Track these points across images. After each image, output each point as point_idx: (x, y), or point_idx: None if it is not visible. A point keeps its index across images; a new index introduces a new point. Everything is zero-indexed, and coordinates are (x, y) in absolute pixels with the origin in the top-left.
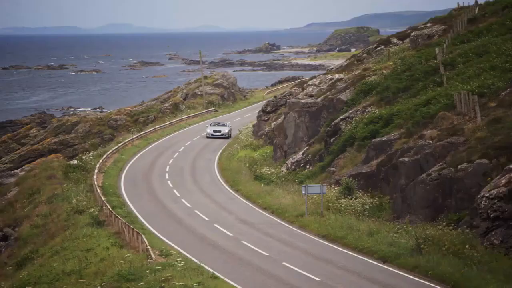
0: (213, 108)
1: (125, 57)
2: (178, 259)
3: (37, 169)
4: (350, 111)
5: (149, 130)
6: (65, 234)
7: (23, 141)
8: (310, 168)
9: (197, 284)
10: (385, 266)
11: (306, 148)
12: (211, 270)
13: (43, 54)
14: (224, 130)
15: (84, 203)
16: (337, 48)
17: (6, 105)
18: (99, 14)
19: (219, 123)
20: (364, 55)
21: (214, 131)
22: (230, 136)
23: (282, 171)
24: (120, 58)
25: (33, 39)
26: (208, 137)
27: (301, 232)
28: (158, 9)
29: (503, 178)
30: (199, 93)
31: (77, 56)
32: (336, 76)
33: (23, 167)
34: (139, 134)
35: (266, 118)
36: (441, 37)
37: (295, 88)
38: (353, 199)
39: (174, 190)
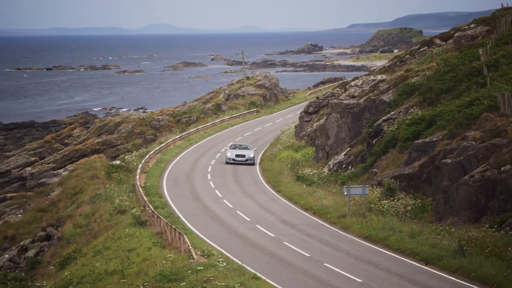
0: (255, 109)
1: (168, 57)
2: (219, 259)
3: (80, 169)
4: (392, 112)
5: (191, 130)
6: (107, 234)
7: (66, 141)
8: (352, 169)
9: (239, 284)
10: (428, 268)
11: (348, 149)
12: (252, 270)
13: (86, 55)
14: (249, 154)
15: (127, 203)
16: (380, 49)
17: (49, 106)
18: (141, 15)
19: (241, 145)
20: (406, 56)
21: (237, 156)
22: (255, 162)
23: (324, 172)
24: (163, 58)
25: (76, 39)
26: (228, 163)
27: (343, 233)
28: (200, 10)
29: None
30: (241, 93)
31: (120, 57)
32: (379, 77)
33: (66, 167)
34: (181, 134)
35: (308, 119)
36: (485, 38)
37: (337, 89)
38: (395, 200)
39: (216, 191)
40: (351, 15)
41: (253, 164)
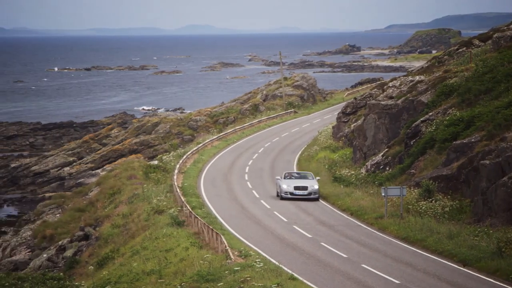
0: (292, 110)
1: (205, 58)
2: (257, 260)
3: (117, 169)
4: (430, 113)
5: (228, 131)
6: (145, 234)
7: (104, 142)
8: (390, 170)
9: (276, 285)
10: (465, 269)
11: (386, 150)
12: (289, 271)
13: (125, 55)
14: (312, 185)
15: (164, 203)
16: (418, 50)
17: (87, 106)
18: (179, 16)
19: (298, 173)
20: (445, 57)
21: (296, 188)
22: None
23: (362, 172)
24: (201, 59)
25: (115, 40)
26: (283, 199)
27: (380, 234)
28: (239, 11)
29: None
30: (278, 94)
31: (158, 57)
32: (417, 78)
33: (104, 167)
34: (218, 135)
35: (345, 120)
36: None
37: (375, 89)
38: (433, 201)
39: (253, 191)
40: (389, 15)
41: (317, 199)
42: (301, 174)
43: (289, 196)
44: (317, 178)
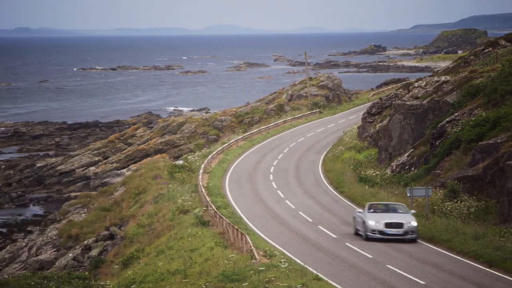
0: (317, 110)
1: (231, 58)
2: (281, 260)
3: (143, 169)
4: (456, 114)
5: (253, 131)
6: (170, 234)
7: (130, 141)
8: (415, 170)
9: (301, 285)
10: (491, 270)
11: (411, 150)
12: (314, 271)
13: (150, 55)
14: (409, 221)
15: (189, 203)
16: (444, 50)
17: (113, 106)
18: (205, 16)
19: (386, 204)
20: (471, 57)
21: (388, 225)
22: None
23: (387, 173)
24: (226, 59)
25: (142, 40)
26: (368, 239)
27: None
28: (264, 11)
29: None
30: (304, 94)
31: (186, 57)
32: (443, 78)
33: (130, 167)
34: (244, 135)
35: (371, 120)
36: None
37: (400, 90)
38: (459, 202)
39: (278, 191)
40: (415, 15)
41: (415, 240)
42: (390, 206)
43: (378, 236)
44: (412, 211)
